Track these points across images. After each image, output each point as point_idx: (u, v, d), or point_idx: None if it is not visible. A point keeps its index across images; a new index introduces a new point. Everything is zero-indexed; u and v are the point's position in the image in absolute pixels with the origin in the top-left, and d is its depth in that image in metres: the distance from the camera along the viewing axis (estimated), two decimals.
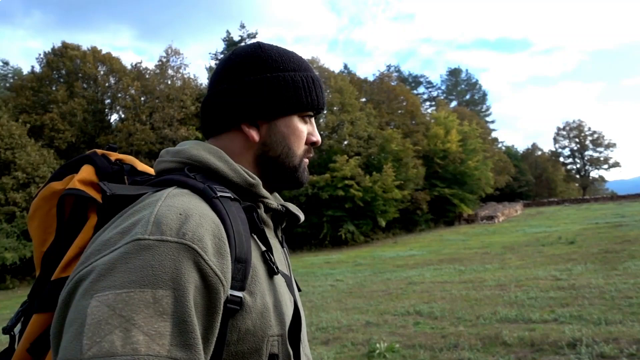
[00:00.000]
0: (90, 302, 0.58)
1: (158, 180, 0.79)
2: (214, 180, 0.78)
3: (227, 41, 42.98)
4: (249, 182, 0.80)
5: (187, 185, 0.74)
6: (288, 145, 0.86)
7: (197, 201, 0.70)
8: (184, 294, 0.60)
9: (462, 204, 34.49)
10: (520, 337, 4.96)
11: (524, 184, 49.85)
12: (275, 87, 0.84)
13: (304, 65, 0.89)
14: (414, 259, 16.68)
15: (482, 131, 43.12)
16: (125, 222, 0.67)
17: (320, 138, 0.92)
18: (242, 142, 0.86)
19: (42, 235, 0.81)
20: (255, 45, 0.88)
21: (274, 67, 0.85)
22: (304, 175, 0.91)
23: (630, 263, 9.39)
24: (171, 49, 29.11)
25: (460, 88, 61.02)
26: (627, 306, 5.90)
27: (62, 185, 0.83)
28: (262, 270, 0.76)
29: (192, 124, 27.42)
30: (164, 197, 0.69)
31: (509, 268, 11.33)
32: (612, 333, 4.71)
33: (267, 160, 0.86)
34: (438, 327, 6.09)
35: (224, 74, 0.87)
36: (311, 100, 0.87)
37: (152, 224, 0.63)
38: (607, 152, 57.52)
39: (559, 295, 7.11)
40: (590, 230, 18.20)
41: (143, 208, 0.68)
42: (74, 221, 0.78)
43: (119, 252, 0.61)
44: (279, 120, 0.85)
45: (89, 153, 0.89)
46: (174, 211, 0.66)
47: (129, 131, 25.41)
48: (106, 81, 27.54)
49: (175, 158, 0.82)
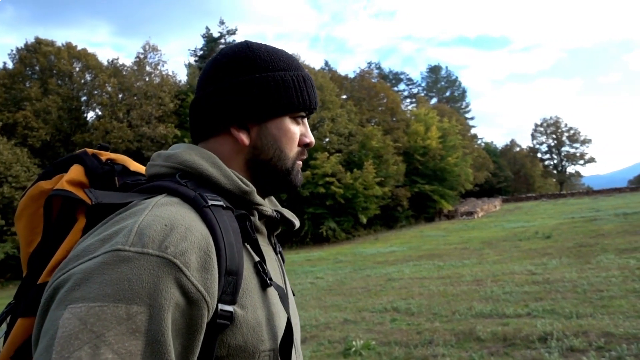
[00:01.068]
0: (63, 314, 0.55)
1: (148, 186, 0.76)
2: (206, 187, 0.75)
3: (207, 37, 42.54)
4: (242, 189, 0.77)
5: (177, 193, 0.71)
6: (280, 148, 0.83)
7: (186, 211, 0.67)
8: (160, 312, 0.57)
9: (442, 200, 34.86)
10: (494, 332, 5.00)
11: (502, 179, 50.63)
12: (264, 88, 0.80)
13: (294, 64, 0.86)
14: (394, 255, 16.78)
15: (461, 128, 43.64)
16: (109, 229, 0.64)
17: (313, 139, 0.89)
18: (232, 145, 0.82)
19: (29, 236, 0.78)
20: (243, 45, 0.85)
21: (263, 67, 0.82)
22: (298, 177, 0.88)
23: (603, 257, 9.59)
24: (149, 45, 28.65)
25: (440, 85, 61.58)
26: (598, 299, 6.01)
27: (51, 184, 0.80)
28: (254, 282, 0.73)
29: (171, 121, 27.07)
30: (152, 206, 0.66)
31: (487, 263, 11.48)
32: (582, 326, 4.79)
33: (258, 164, 0.83)
34: (414, 323, 6.12)
35: (211, 75, 0.83)
36: (303, 101, 0.83)
37: (135, 234, 0.61)
38: (582, 148, 58.96)
39: (533, 290, 7.22)
40: (566, 224, 18.57)
41: (129, 216, 0.65)
42: (61, 223, 0.75)
43: (96, 262, 0.59)
44: (269, 122, 0.82)
45: (79, 152, 0.85)
46: (159, 222, 0.63)
47: (106, 129, 24.94)
48: (82, 78, 26.95)
49: (167, 163, 0.79)
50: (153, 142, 25.85)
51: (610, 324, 4.77)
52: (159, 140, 25.77)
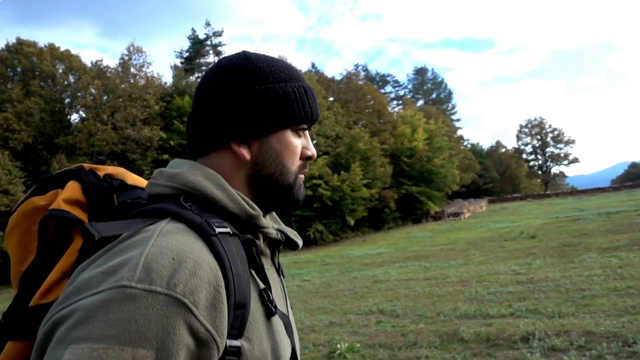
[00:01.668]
0: (64, 354, 0.52)
1: (151, 208, 0.71)
2: (211, 211, 0.72)
3: (193, 39, 42.32)
4: (249, 213, 0.74)
5: (182, 219, 0.67)
6: (282, 163, 0.80)
7: (192, 241, 0.64)
8: (169, 357, 0.55)
9: (429, 201, 35.06)
10: (477, 333, 5.01)
11: (489, 180, 51.12)
12: (265, 101, 0.77)
13: (294, 74, 0.82)
14: (382, 257, 16.80)
15: (447, 129, 43.97)
16: (112, 260, 0.60)
17: (315, 152, 0.86)
18: (232, 161, 0.79)
19: (21, 254, 0.75)
20: (241, 56, 0.82)
21: (262, 78, 0.78)
22: (300, 192, 0.84)
23: (586, 256, 9.70)
24: (133, 46, 28.38)
25: (426, 87, 62.03)
26: (580, 298, 6.07)
27: (45, 200, 0.76)
28: (259, 311, 0.71)
29: (156, 123, 26.82)
30: (157, 234, 0.63)
31: (472, 264, 11.54)
32: (564, 326, 4.82)
33: (260, 180, 0.80)
34: (399, 325, 6.11)
35: (208, 87, 0.80)
36: (304, 113, 0.80)
37: (142, 268, 0.57)
38: (566, 148, 59.83)
39: (517, 290, 7.26)
40: (550, 224, 18.77)
41: (133, 245, 0.62)
42: (56, 242, 0.72)
43: (100, 298, 0.55)
44: (270, 136, 0.79)
45: (75, 168, 0.82)
46: (166, 254, 0.59)
47: (90, 131, 24.62)
48: (65, 79, 26.57)
49: (170, 183, 0.75)
50: (138, 144, 25.58)
51: (592, 322, 4.80)
52: (144, 143, 25.51)
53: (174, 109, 27.99)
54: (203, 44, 41.77)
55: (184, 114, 27.83)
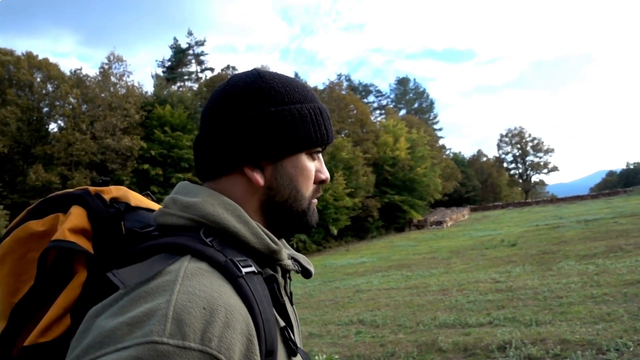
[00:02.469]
0: None
1: (166, 243, 0.65)
2: (231, 246, 0.67)
3: (175, 48, 42.11)
4: (271, 249, 0.70)
5: (204, 257, 0.62)
6: (296, 188, 0.76)
7: (220, 284, 0.59)
8: None
9: (412, 210, 35.23)
10: (455, 342, 4.99)
11: (470, 189, 51.64)
12: (281, 123, 0.72)
13: (309, 95, 0.78)
14: (364, 266, 16.77)
15: (430, 139, 44.39)
16: (135, 308, 0.55)
17: (329, 175, 0.82)
18: (244, 187, 0.74)
19: (14, 284, 0.68)
20: (254, 75, 0.76)
21: (278, 99, 0.74)
22: (313, 218, 0.80)
23: (564, 263, 9.81)
24: (113, 55, 28.08)
25: (408, 97, 62.62)
26: (558, 306, 6.10)
27: (43, 226, 0.70)
28: (282, 352, 0.66)
29: (137, 133, 26.48)
30: (181, 278, 0.57)
31: (453, 272, 11.58)
32: (541, 334, 4.83)
33: (273, 206, 0.75)
34: (378, 335, 6.06)
35: (220, 108, 0.74)
36: (320, 135, 0.76)
37: (171, 320, 0.52)
38: (546, 157, 60.87)
39: (496, 298, 7.29)
40: (531, 232, 19.00)
41: (157, 291, 0.56)
42: (57, 274, 0.66)
43: (128, 355, 0.50)
44: (285, 160, 0.75)
45: (79, 191, 0.75)
46: (196, 303, 0.55)
47: (68, 141, 24.17)
48: (43, 88, 26.11)
49: (186, 214, 0.69)
50: (118, 154, 25.21)
51: (568, 330, 4.82)
52: (124, 153, 25.15)
53: (155, 118, 27.70)
54: (185, 53, 41.60)
55: (165, 123, 27.57)
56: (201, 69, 41.96)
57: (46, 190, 22.60)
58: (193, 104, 31.18)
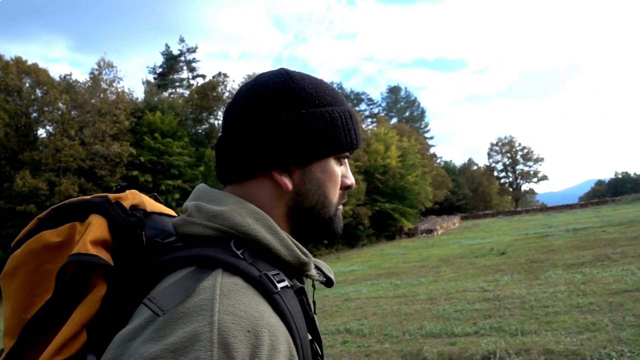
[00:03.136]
0: None
1: (195, 256, 0.62)
2: (262, 258, 0.65)
3: (166, 55, 42.03)
4: (302, 260, 0.69)
5: (237, 271, 0.59)
6: (324, 194, 0.74)
7: (258, 302, 0.57)
8: None
9: (402, 218, 35.27)
10: (440, 353, 4.95)
11: (461, 197, 51.89)
12: (312, 126, 0.70)
13: (339, 97, 0.76)
14: (354, 274, 16.69)
15: (420, 147, 44.59)
16: (173, 331, 0.51)
17: (354, 181, 0.80)
18: (272, 191, 0.72)
19: (26, 299, 0.64)
20: (283, 74, 0.74)
21: (308, 101, 0.71)
22: (339, 225, 0.79)
23: (552, 272, 9.82)
24: (104, 61, 27.91)
25: (400, 105, 62.96)
26: (544, 315, 6.09)
27: (59, 236, 0.66)
28: None
29: (126, 139, 26.30)
30: (218, 296, 0.55)
31: (442, 281, 11.55)
32: (526, 344, 4.80)
33: (300, 213, 0.73)
34: (364, 345, 6.00)
35: (247, 108, 0.72)
36: (350, 140, 0.74)
37: (217, 346, 0.50)
38: (536, 166, 61.40)
39: (483, 307, 7.26)
40: (520, 241, 19.07)
41: (195, 312, 0.53)
42: (75, 288, 0.62)
43: None
44: (314, 164, 0.72)
45: (99, 199, 0.70)
46: (240, 326, 0.52)
47: (56, 147, 23.91)
48: (32, 94, 25.86)
49: (213, 224, 0.66)
50: (107, 160, 24.99)
51: (552, 340, 4.80)
52: (113, 159, 24.94)
53: (145, 125, 27.54)
54: (177, 59, 41.52)
55: (155, 130, 27.41)
56: (193, 75, 41.89)
57: (33, 196, 22.34)
58: (184, 111, 31.08)
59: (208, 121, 33.94)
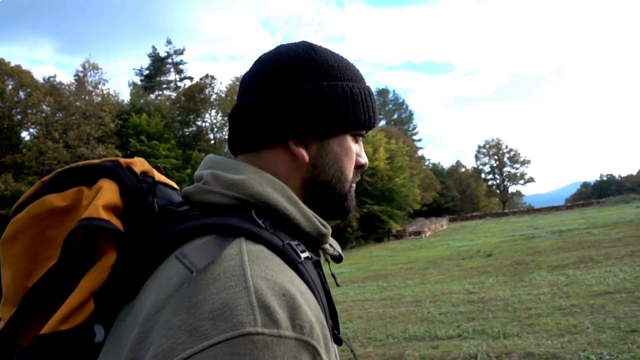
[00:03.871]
0: None
1: (214, 224, 0.59)
2: (282, 228, 0.63)
3: (153, 57, 41.73)
4: (321, 232, 0.68)
5: (260, 240, 0.58)
6: (340, 169, 0.73)
7: (285, 269, 0.56)
8: None
9: (390, 220, 35.33)
10: (422, 356, 4.92)
11: (449, 199, 52.15)
12: (333, 100, 0.69)
13: (359, 74, 0.75)
14: (342, 277, 16.64)
15: (409, 149, 44.76)
16: (208, 298, 0.49)
17: (367, 160, 0.79)
18: (288, 162, 0.70)
19: (28, 266, 0.61)
20: (306, 46, 0.73)
21: (331, 74, 0.70)
22: (352, 203, 0.78)
23: (536, 274, 9.88)
24: (89, 63, 27.63)
25: (388, 108, 63.19)
26: (526, 317, 6.09)
27: (64, 201, 0.63)
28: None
29: (112, 142, 26.04)
30: (247, 262, 0.53)
31: (428, 283, 11.56)
32: (507, 347, 4.79)
33: (315, 186, 0.72)
34: (347, 349, 5.93)
35: (267, 76, 0.70)
36: (368, 117, 0.73)
37: (258, 309, 0.48)
38: (522, 168, 62.05)
39: (467, 310, 7.25)
40: (506, 242, 19.19)
41: (225, 277, 0.51)
42: (82, 254, 0.60)
43: (224, 353, 0.45)
44: (332, 138, 0.71)
45: (109, 163, 0.67)
46: (275, 290, 0.51)
47: (40, 149, 23.61)
48: (15, 96, 25.48)
49: (232, 192, 0.64)
50: None
51: (534, 343, 4.79)
52: None
53: (131, 127, 27.30)
54: (164, 62, 41.25)
55: (141, 132, 27.16)
56: (180, 77, 41.63)
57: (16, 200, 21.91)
58: (170, 113, 30.84)
59: (195, 123, 33.74)
